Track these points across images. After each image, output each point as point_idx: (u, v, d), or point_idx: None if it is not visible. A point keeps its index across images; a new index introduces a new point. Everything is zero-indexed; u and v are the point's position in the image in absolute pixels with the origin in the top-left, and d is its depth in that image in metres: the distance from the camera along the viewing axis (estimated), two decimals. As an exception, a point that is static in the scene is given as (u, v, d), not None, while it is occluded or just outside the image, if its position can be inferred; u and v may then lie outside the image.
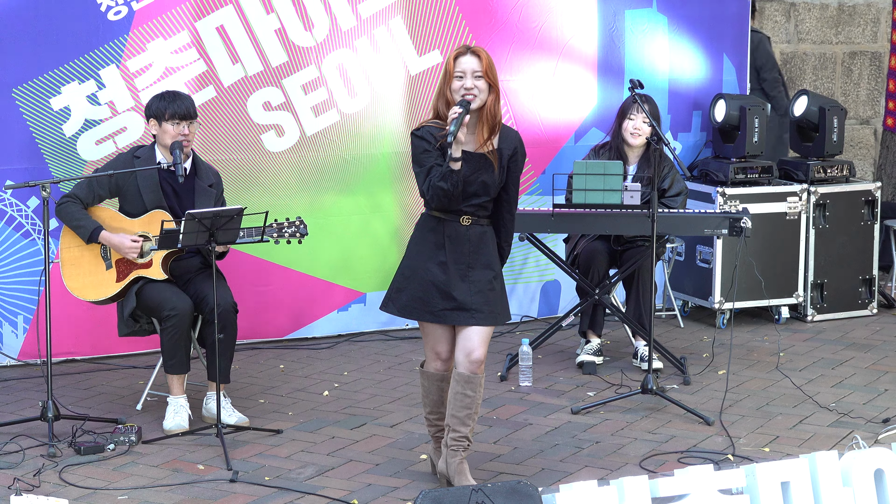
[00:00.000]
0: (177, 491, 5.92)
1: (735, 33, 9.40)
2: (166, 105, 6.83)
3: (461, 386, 5.79)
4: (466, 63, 5.69)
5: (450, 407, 5.83)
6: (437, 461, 5.99)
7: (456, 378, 5.81)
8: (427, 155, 5.75)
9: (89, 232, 6.80)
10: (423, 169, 5.77)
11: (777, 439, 6.62)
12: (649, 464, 6.24)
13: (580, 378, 7.72)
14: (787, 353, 8.19)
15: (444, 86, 5.74)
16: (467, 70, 5.68)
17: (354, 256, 8.60)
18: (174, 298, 6.74)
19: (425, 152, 5.76)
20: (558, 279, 8.97)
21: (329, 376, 7.78)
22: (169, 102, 6.84)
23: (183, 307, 6.72)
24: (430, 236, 5.86)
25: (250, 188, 8.10)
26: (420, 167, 5.79)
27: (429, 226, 5.87)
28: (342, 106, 8.38)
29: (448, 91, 5.72)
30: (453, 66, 5.70)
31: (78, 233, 6.84)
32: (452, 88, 5.70)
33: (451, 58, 5.72)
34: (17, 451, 6.35)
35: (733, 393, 7.33)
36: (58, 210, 6.87)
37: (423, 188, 5.79)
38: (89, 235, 6.80)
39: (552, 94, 8.83)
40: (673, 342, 8.40)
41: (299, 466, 6.25)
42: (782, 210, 8.88)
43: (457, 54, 5.72)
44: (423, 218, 5.94)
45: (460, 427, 5.82)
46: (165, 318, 6.70)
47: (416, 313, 5.86)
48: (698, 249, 8.96)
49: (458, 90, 5.68)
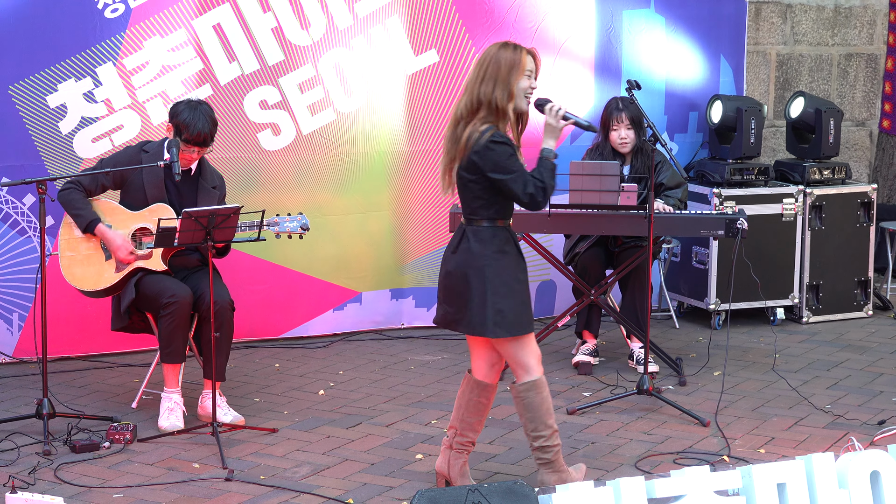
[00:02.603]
0: (172, 489, 5.92)
1: (732, 35, 9.41)
2: (188, 128, 6.71)
3: (476, 394, 5.83)
4: (534, 65, 5.68)
5: (464, 412, 5.84)
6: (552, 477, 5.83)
7: (474, 384, 5.83)
8: (514, 159, 5.57)
9: (86, 222, 6.80)
10: (517, 173, 5.54)
11: (772, 441, 6.62)
12: (645, 464, 6.24)
13: (576, 378, 7.72)
14: (782, 355, 8.20)
15: (507, 76, 5.61)
16: (534, 71, 5.69)
17: (350, 255, 8.60)
18: (174, 286, 6.75)
19: (512, 157, 5.57)
20: (554, 279, 8.98)
21: (324, 375, 7.77)
22: (191, 125, 6.71)
23: (183, 294, 6.71)
24: (512, 248, 5.72)
25: (246, 187, 8.09)
26: (512, 172, 5.54)
27: (504, 236, 5.69)
28: (338, 105, 8.38)
29: (514, 84, 5.61)
30: (525, 63, 5.64)
31: (76, 221, 6.84)
32: (520, 85, 5.64)
33: (523, 53, 5.64)
34: (11, 448, 6.34)
35: (729, 394, 7.33)
36: (60, 195, 6.87)
37: (529, 191, 5.54)
38: (86, 225, 6.80)
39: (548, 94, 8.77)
40: (668, 343, 8.41)
41: (294, 465, 6.25)
42: (778, 211, 8.89)
43: (529, 52, 5.68)
44: (498, 230, 5.68)
45: (471, 433, 5.87)
46: (165, 304, 6.69)
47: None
48: (694, 250, 8.96)
49: (526, 89, 5.66)
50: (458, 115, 5.67)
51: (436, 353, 8.30)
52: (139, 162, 6.85)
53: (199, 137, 6.74)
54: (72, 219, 6.86)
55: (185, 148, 6.75)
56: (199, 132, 6.73)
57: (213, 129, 6.80)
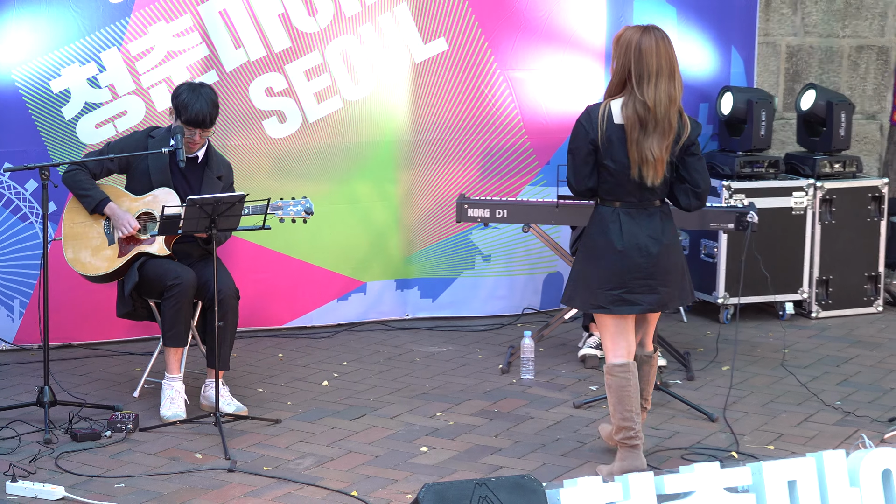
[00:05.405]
0: (174, 480, 5.89)
1: (743, 26, 9.37)
2: (186, 108, 6.69)
3: (649, 364, 6.24)
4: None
5: (643, 393, 6.09)
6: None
7: (644, 359, 6.17)
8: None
9: (96, 202, 6.77)
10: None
11: (781, 437, 6.59)
12: (653, 460, 6.21)
13: (582, 372, 7.69)
14: (791, 350, 8.17)
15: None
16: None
17: (355, 245, 8.57)
18: (178, 269, 6.71)
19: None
20: (561, 271, 8.94)
21: (328, 366, 7.75)
22: (190, 105, 6.68)
23: (187, 277, 6.68)
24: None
25: (251, 174, 8.06)
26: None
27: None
28: (345, 93, 8.34)
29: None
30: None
31: (83, 202, 6.79)
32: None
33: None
34: (12, 436, 6.32)
35: (737, 389, 7.30)
36: (65, 177, 6.84)
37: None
38: (95, 205, 6.76)
39: (558, 84, 8.78)
40: (676, 337, 8.37)
41: (298, 457, 6.22)
42: (788, 205, 8.85)
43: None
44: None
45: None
46: (169, 286, 6.65)
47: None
48: (703, 243, 8.93)
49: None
50: (675, 98, 5.78)
51: (441, 344, 8.27)
52: (146, 148, 6.81)
53: (198, 118, 6.69)
54: (79, 200, 6.82)
55: (187, 131, 6.71)
56: (197, 112, 6.68)
57: (213, 111, 6.75)
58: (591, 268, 5.93)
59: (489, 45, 8.58)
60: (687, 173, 5.87)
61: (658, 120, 5.71)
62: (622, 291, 5.85)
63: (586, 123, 5.81)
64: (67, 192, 6.90)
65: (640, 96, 5.70)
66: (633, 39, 5.75)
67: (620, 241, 5.83)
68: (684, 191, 5.90)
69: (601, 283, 5.88)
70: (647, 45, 5.72)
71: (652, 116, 5.70)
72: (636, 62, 5.72)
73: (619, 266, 5.84)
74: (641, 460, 5.90)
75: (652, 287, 5.87)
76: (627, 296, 5.85)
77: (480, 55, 8.57)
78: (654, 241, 5.85)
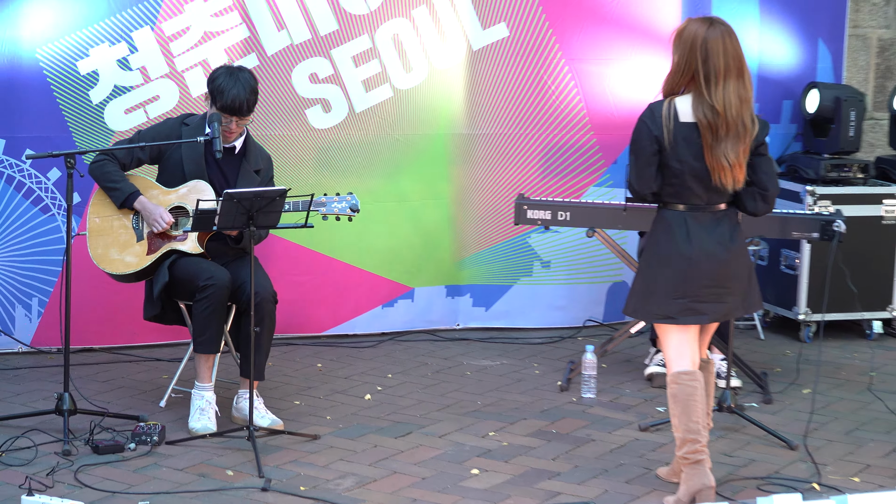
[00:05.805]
0: (202, 498, 5.89)
1: (831, 17, 9.32)
2: (222, 94, 6.67)
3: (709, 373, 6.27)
4: None
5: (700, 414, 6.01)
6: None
7: (705, 366, 6.16)
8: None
9: (125, 195, 6.77)
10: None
11: (868, 468, 6.53)
12: (726, 490, 6.16)
13: (649, 391, 7.65)
14: (879, 373, 8.10)
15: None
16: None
17: (403, 247, 8.58)
18: (211, 268, 6.71)
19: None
20: (627, 280, 8.89)
21: (371, 378, 7.74)
22: (226, 90, 6.67)
23: (221, 277, 6.67)
24: None
25: (292, 167, 8.08)
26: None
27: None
28: (396, 81, 8.33)
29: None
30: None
31: (111, 195, 6.80)
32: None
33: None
34: (29, 446, 6.33)
35: (819, 415, 7.24)
36: (92, 168, 6.85)
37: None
38: (124, 199, 6.77)
39: (628, 78, 8.74)
40: (753, 356, 8.32)
41: (338, 476, 6.21)
42: (878, 213, 8.79)
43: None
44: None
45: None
46: (202, 287, 6.64)
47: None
48: (783, 254, 8.88)
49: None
50: (746, 98, 5.79)
51: (494, 357, 8.25)
52: (179, 136, 6.81)
53: (235, 104, 6.68)
54: (106, 192, 6.82)
55: (223, 118, 6.70)
56: (233, 98, 6.67)
57: (251, 98, 6.74)
58: (657, 276, 5.92)
59: (554, 32, 8.55)
60: (755, 175, 5.86)
61: (730, 124, 5.71)
62: (689, 300, 5.85)
63: (650, 122, 5.80)
64: (93, 182, 6.91)
65: (709, 99, 5.68)
66: (698, 35, 5.74)
67: (688, 247, 5.81)
68: (751, 194, 5.89)
69: (668, 292, 5.87)
70: (713, 43, 5.72)
71: (722, 121, 5.71)
72: (703, 62, 5.72)
73: (687, 274, 5.83)
74: (709, 477, 5.86)
75: (719, 295, 5.88)
76: (695, 304, 5.84)
77: (544, 43, 8.55)
78: (722, 246, 5.85)
